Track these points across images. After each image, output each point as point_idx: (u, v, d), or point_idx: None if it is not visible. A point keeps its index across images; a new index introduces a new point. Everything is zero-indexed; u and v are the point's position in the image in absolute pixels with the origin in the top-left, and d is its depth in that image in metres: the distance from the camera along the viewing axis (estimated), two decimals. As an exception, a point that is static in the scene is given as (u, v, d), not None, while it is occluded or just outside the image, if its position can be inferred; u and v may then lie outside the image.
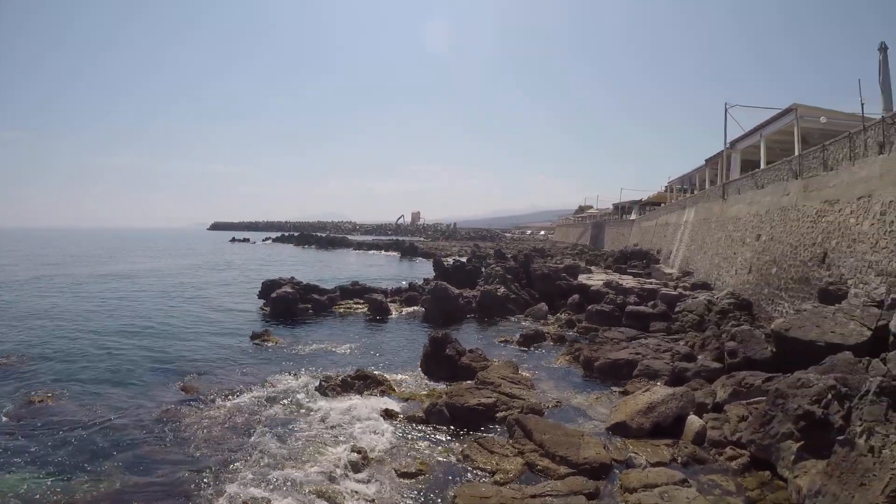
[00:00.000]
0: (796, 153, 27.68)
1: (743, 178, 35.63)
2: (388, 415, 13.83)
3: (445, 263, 38.31)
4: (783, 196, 27.17)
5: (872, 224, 18.25)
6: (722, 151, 42.86)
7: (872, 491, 7.69)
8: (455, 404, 13.79)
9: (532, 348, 22.01)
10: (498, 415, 13.72)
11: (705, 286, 34.06)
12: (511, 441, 11.99)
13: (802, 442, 10.19)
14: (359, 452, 11.36)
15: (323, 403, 14.79)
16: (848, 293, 18.30)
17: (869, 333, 14.87)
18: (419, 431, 13.08)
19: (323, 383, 15.50)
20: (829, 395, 10.86)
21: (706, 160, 49.82)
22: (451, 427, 13.23)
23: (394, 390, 16.01)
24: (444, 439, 12.64)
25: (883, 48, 19.99)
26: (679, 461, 11.28)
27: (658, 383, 15.43)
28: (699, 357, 17.68)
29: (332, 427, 13.26)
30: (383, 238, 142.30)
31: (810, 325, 15.93)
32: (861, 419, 9.74)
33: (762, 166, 33.25)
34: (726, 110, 39.70)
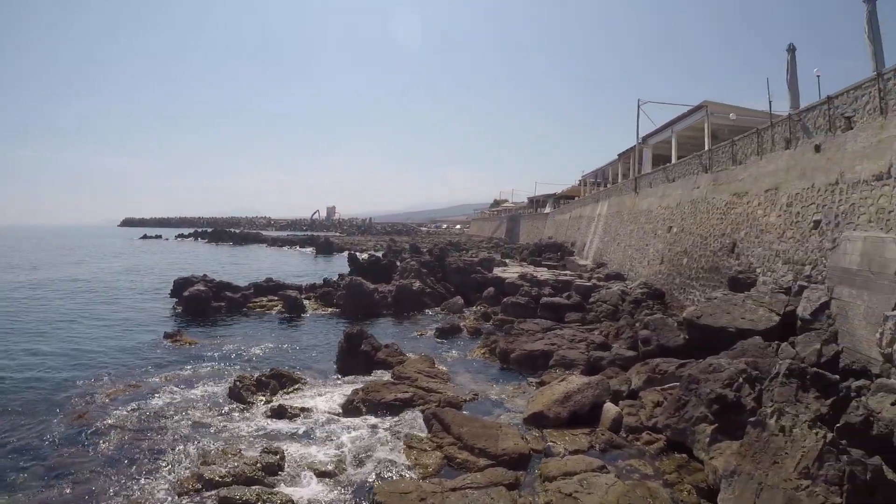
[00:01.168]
0: (706, 148, 28.61)
1: (655, 171, 36.63)
2: (303, 413, 13.42)
3: (360, 259, 37.91)
4: (693, 189, 27.99)
5: (779, 215, 18.93)
6: (634, 146, 43.94)
7: (785, 468, 7.93)
8: (372, 400, 13.57)
9: (448, 342, 21.94)
10: (416, 409, 13.57)
11: (619, 277, 34.84)
12: (430, 435, 11.86)
13: (716, 424, 10.52)
14: (275, 453, 10.95)
15: (237, 404, 14.25)
16: (757, 281, 18.96)
17: (777, 319, 15.45)
18: (336, 429, 12.74)
19: (237, 383, 14.85)
20: (741, 379, 11.28)
21: (619, 155, 50.96)
22: (369, 423, 12.98)
23: (310, 388, 15.57)
24: (361, 436, 12.35)
25: (791, 49, 20.74)
26: (597, 448, 11.49)
27: (574, 373, 15.60)
28: (614, 346, 18.02)
29: (248, 428, 12.80)
30: (298, 234, 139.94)
31: (721, 312, 16.47)
32: (772, 400, 10.19)
33: (673, 161, 34.27)
34: (639, 106, 40.62)
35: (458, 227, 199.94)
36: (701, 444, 10.46)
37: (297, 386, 15.52)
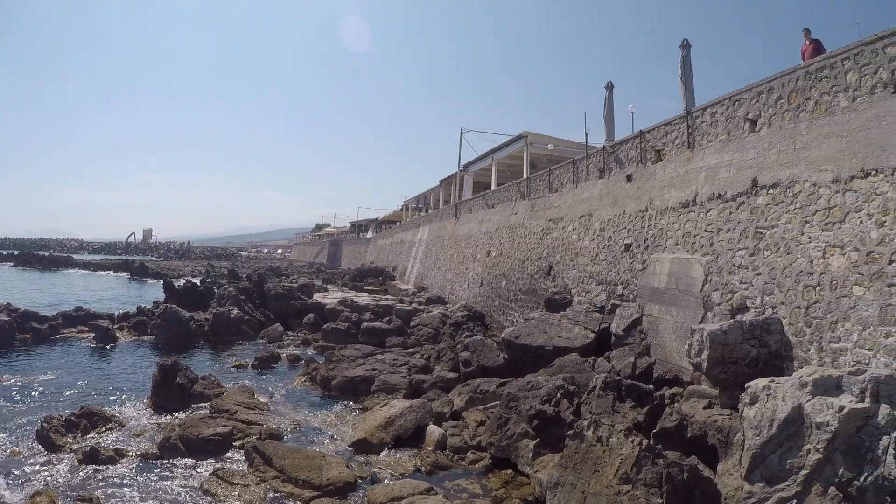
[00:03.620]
0: (525, 176, 29.87)
1: (475, 198, 37.72)
2: (119, 455, 12.10)
3: (176, 285, 35.52)
4: (512, 215, 29.06)
5: (593, 239, 20.02)
6: (456, 173, 45.00)
7: (606, 476, 8.22)
8: (190, 436, 12.57)
9: (268, 371, 20.97)
10: (236, 443, 12.80)
11: (440, 300, 35.30)
12: (251, 470, 11.20)
13: (538, 439, 10.79)
14: (88, 501, 9.71)
15: (44, 448, 12.54)
16: (572, 301, 19.84)
17: (593, 336, 16.18)
18: (154, 470, 11.59)
19: (45, 425, 13.00)
20: (559, 394, 11.75)
21: (441, 181, 52.07)
22: (188, 461, 12.00)
23: (123, 426, 14.16)
24: (181, 475, 11.40)
25: (609, 86, 22.25)
26: (423, 471, 11.42)
27: (396, 397, 15.42)
28: (436, 368, 18.08)
29: (58, 476, 11.25)
30: (112, 258, 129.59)
31: (538, 331, 17.02)
32: (591, 412, 10.57)
33: (493, 187, 35.45)
34: (462, 135, 41.76)
35: (280, 251, 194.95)
36: (525, 459, 10.65)
37: (110, 424, 13.96)
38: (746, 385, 8.36)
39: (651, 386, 12.00)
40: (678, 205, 15.64)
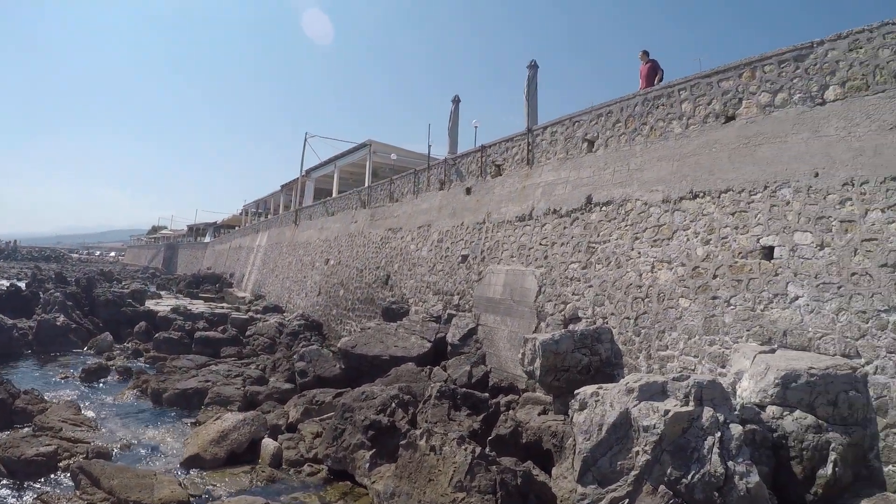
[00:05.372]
0: (367, 184, 29.24)
1: (315, 204, 36.59)
2: None
3: (-2, 289, 31.78)
4: (352, 223, 28.37)
5: (430, 250, 19.78)
6: (298, 178, 43.64)
7: (441, 484, 8.07)
8: (10, 458, 10.91)
9: (97, 384, 18.99)
10: (61, 464, 11.26)
11: (277, 309, 33.79)
12: (79, 492, 9.89)
13: (374, 449, 10.45)
14: None
15: None
16: (409, 311, 19.48)
17: (429, 345, 15.93)
18: None
19: None
20: (393, 404, 11.44)
21: (282, 186, 50.41)
22: (9, 485, 10.45)
23: None
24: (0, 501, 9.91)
25: (456, 100, 22.39)
26: (259, 486, 10.76)
27: (231, 410, 14.41)
28: (271, 379, 17.18)
29: None
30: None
31: (375, 341, 16.60)
32: (427, 421, 10.35)
33: (334, 195, 34.56)
34: (306, 140, 40.67)
35: (113, 254, 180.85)
36: (362, 470, 10.30)
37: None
38: (576, 392, 8.37)
39: (486, 394, 11.98)
40: (515, 218, 15.66)
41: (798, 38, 8.96)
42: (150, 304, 33.82)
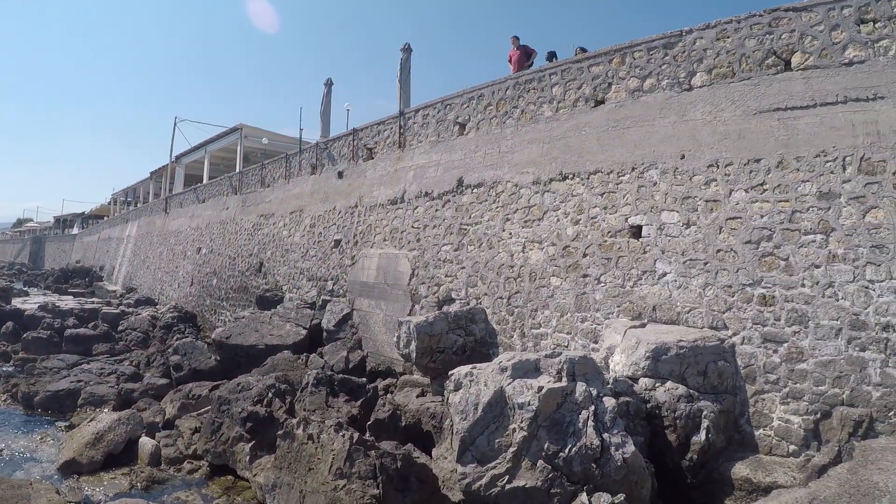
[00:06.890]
0: (238, 170, 27.73)
1: (186, 192, 34.40)
2: None
3: None
4: (223, 210, 26.80)
5: (303, 235, 18.87)
6: (167, 164, 41.06)
7: (321, 473, 7.84)
8: None
9: (-39, 393, 17.05)
10: None
11: (150, 302, 31.51)
12: None
13: (254, 441, 10.13)
14: None
15: None
16: (284, 298, 18.57)
17: (305, 332, 15.28)
18: None
19: None
20: (270, 394, 11.03)
21: (151, 173, 47.35)
22: None
23: None
24: None
25: (329, 83, 21.67)
26: (139, 487, 10.10)
27: (105, 410, 13.21)
28: (146, 375, 15.94)
29: None
30: None
31: (250, 330, 15.91)
32: (305, 409, 10.12)
33: (205, 181, 32.66)
34: (175, 124, 38.26)
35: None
36: (243, 464, 9.84)
37: None
38: (450, 373, 8.20)
39: (364, 379, 11.72)
40: (387, 202, 15.10)
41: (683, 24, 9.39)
42: (17, 303, 30.86)
